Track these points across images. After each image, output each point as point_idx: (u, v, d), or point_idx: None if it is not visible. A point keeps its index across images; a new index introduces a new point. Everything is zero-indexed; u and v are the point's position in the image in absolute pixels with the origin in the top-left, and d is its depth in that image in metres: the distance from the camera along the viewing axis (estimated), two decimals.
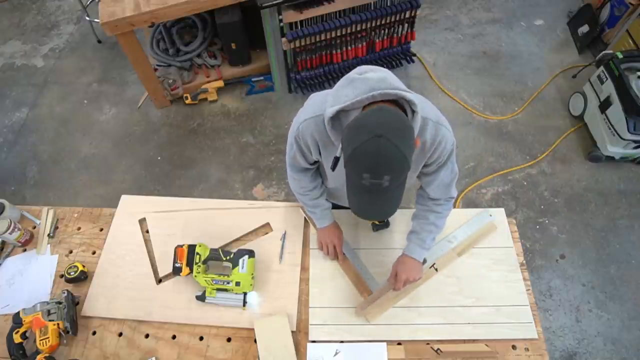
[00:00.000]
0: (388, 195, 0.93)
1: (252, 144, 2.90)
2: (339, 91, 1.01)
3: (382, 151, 0.85)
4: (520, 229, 2.39)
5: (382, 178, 0.87)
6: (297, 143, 1.17)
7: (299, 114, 1.16)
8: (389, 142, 0.84)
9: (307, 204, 1.41)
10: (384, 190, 0.90)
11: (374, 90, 0.94)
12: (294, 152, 1.21)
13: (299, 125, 1.12)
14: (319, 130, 1.09)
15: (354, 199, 0.97)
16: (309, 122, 1.10)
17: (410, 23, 2.88)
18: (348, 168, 0.91)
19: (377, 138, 0.84)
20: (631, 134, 2.41)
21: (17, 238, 1.49)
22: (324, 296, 1.39)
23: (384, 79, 0.97)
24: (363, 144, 0.85)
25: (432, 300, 1.38)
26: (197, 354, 1.31)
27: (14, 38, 3.66)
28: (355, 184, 0.91)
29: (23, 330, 1.29)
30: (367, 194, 0.92)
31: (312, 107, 1.11)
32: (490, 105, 3.03)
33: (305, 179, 1.35)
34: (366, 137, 0.85)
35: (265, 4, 2.40)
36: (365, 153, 0.86)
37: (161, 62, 3.02)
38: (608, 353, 2.11)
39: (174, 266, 1.36)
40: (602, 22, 3.13)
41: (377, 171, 0.86)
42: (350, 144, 0.88)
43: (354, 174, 0.90)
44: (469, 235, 1.50)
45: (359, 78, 0.99)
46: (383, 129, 0.85)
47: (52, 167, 2.86)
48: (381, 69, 1.02)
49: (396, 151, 0.85)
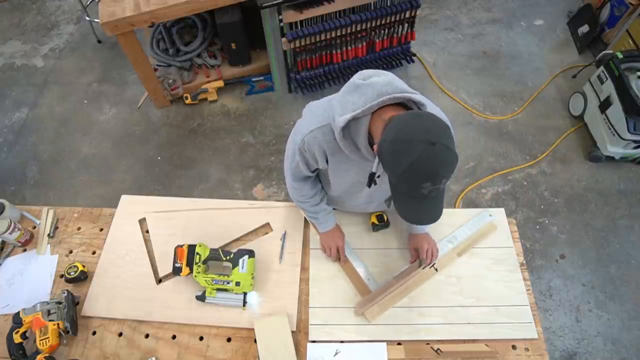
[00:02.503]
0: (442, 195, 0.93)
1: (252, 144, 2.90)
2: (345, 97, 1.00)
3: (440, 158, 0.84)
4: (520, 229, 2.39)
5: (442, 183, 0.87)
6: (302, 154, 1.16)
7: (301, 124, 1.14)
8: (443, 147, 0.84)
9: (309, 210, 1.40)
10: (441, 192, 0.90)
11: (382, 95, 0.94)
12: (297, 162, 1.20)
13: (303, 137, 1.10)
14: (326, 140, 1.08)
15: (409, 209, 0.95)
16: (316, 133, 1.08)
17: (410, 23, 2.88)
18: (403, 182, 0.88)
19: (432, 146, 0.83)
20: (631, 134, 2.40)
21: (17, 238, 1.49)
22: (324, 296, 1.39)
23: (389, 82, 0.97)
24: (421, 155, 0.83)
25: (432, 300, 1.38)
26: (197, 354, 1.31)
27: (14, 38, 3.66)
28: (413, 195, 0.89)
29: (23, 330, 1.29)
30: (424, 201, 0.90)
31: (315, 117, 1.10)
32: (490, 105, 3.03)
33: (305, 187, 1.34)
34: (422, 147, 0.83)
35: (265, 4, 2.40)
36: (425, 164, 0.84)
37: (161, 62, 3.02)
38: (608, 353, 2.11)
39: (174, 266, 1.36)
40: (602, 22, 3.13)
41: (438, 178, 0.85)
42: (403, 159, 0.84)
43: (411, 186, 0.88)
44: (469, 236, 1.50)
45: (365, 84, 0.98)
46: (434, 136, 0.84)
47: (52, 167, 2.86)
48: (384, 72, 1.01)
49: (451, 154, 0.86)
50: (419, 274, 1.42)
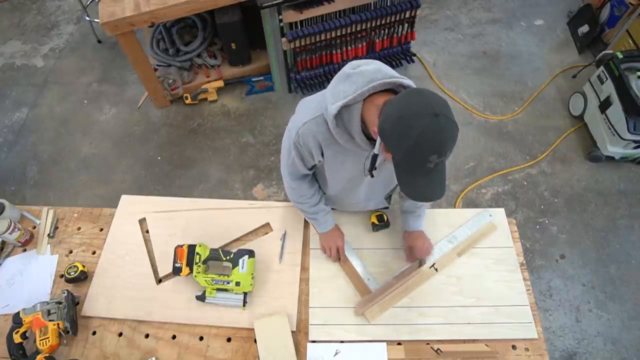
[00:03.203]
0: (444, 169, 0.94)
1: (252, 144, 2.90)
2: (336, 87, 1.01)
3: (445, 129, 0.85)
4: (520, 229, 2.39)
5: (446, 155, 0.87)
6: (297, 148, 1.16)
7: (294, 119, 1.15)
8: (446, 118, 0.85)
9: (308, 211, 1.40)
10: (444, 166, 0.91)
11: (372, 82, 0.95)
12: (293, 159, 1.20)
13: (297, 130, 1.10)
14: (320, 131, 1.08)
15: (416, 186, 0.95)
16: (309, 124, 1.08)
17: (410, 23, 2.88)
18: (410, 157, 0.88)
19: (436, 118, 0.83)
20: (631, 134, 2.41)
21: (17, 238, 1.49)
22: (324, 296, 1.39)
23: (379, 69, 0.98)
24: (425, 128, 0.83)
25: (432, 300, 1.38)
26: (197, 354, 1.31)
27: (14, 38, 3.66)
28: (419, 170, 0.89)
29: (23, 330, 1.29)
30: (430, 175, 0.90)
31: (308, 110, 1.10)
32: (490, 105, 3.04)
33: (303, 186, 1.34)
34: (427, 120, 0.83)
35: (265, 4, 2.40)
36: (431, 136, 0.84)
37: (161, 62, 3.02)
38: (608, 353, 2.11)
39: (174, 266, 1.36)
40: (602, 22, 3.13)
41: (443, 149, 0.86)
42: (409, 133, 0.84)
43: (417, 161, 0.87)
44: (469, 236, 1.50)
45: (355, 72, 0.99)
46: (436, 107, 0.85)
47: (52, 167, 2.86)
48: (373, 61, 1.03)
49: (454, 125, 0.87)
50: (419, 274, 1.42)
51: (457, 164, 2.75)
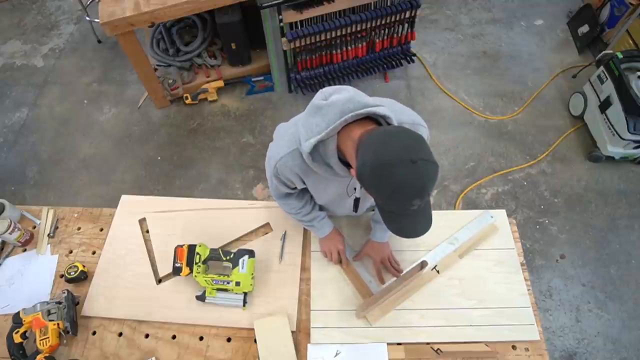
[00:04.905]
0: (429, 204, 0.93)
1: (252, 144, 2.90)
2: (308, 120, 0.98)
3: (424, 174, 0.82)
4: (521, 229, 2.40)
5: (429, 195, 0.86)
6: (277, 178, 1.15)
7: (272, 149, 1.13)
8: (424, 162, 0.82)
9: (303, 220, 1.39)
10: (428, 203, 0.90)
11: (343, 114, 0.91)
12: (275, 185, 1.20)
13: (275, 164, 1.09)
14: (297, 164, 1.06)
15: (402, 226, 0.94)
16: (286, 159, 1.06)
17: (410, 23, 2.88)
18: (392, 203, 0.87)
19: (414, 165, 0.80)
20: (631, 134, 2.40)
21: (17, 238, 1.49)
22: (325, 299, 1.39)
23: (350, 99, 0.94)
24: (405, 176, 0.81)
25: (433, 302, 1.37)
26: (197, 354, 1.31)
27: (14, 38, 3.66)
28: (402, 213, 0.89)
29: (23, 330, 1.29)
30: (415, 215, 0.89)
31: (284, 142, 1.08)
32: (490, 105, 3.03)
33: (292, 201, 1.33)
34: (404, 168, 0.81)
35: (265, 4, 2.40)
36: (410, 183, 0.82)
37: (161, 62, 3.02)
38: (608, 353, 2.11)
39: (174, 266, 1.36)
40: (602, 22, 3.13)
41: (424, 193, 0.84)
42: (387, 182, 0.82)
43: (399, 206, 0.87)
44: (470, 237, 1.49)
45: (326, 104, 0.95)
46: (413, 152, 0.82)
47: (52, 167, 2.86)
48: (345, 87, 0.99)
49: (433, 166, 0.84)
50: (421, 276, 1.42)
51: (457, 164, 2.75)
